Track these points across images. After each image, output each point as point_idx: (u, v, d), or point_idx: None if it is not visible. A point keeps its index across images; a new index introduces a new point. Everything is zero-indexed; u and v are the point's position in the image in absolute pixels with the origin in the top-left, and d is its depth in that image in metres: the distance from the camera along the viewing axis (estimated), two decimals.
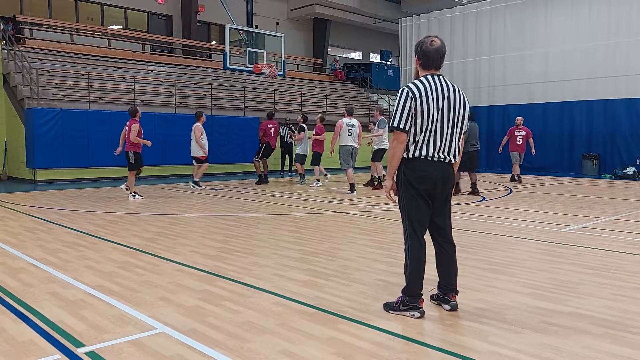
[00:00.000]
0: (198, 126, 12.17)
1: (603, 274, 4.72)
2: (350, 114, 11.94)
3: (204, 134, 12.23)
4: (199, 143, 12.09)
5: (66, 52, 17.83)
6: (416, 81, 3.54)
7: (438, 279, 3.74)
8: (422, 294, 3.58)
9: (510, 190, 12.26)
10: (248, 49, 17.82)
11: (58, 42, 18.27)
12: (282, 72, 18.87)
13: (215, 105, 17.85)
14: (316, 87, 24.10)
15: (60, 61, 16.87)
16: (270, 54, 18.81)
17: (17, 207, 9.22)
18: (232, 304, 3.80)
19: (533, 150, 14.21)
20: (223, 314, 3.59)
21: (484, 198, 10.75)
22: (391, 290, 4.16)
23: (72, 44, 18.69)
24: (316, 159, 13.20)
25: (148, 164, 15.27)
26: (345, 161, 11.69)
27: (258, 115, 18.41)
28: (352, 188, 11.43)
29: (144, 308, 3.70)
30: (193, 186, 12.49)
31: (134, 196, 10.42)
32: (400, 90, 3.55)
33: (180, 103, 17.28)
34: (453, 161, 3.58)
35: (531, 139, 14.16)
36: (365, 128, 15.38)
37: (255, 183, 13.80)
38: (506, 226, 7.38)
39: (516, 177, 14.18)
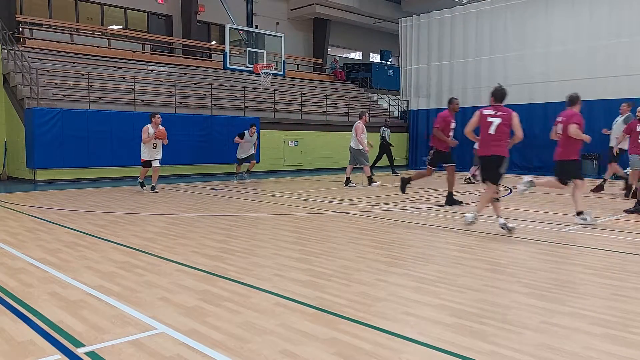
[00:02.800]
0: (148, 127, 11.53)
1: (603, 274, 4.72)
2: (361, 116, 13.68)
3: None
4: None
5: (66, 52, 17.82)
6: None
7: None
8: None
9: (510, 190, 12.25)
10: (248, 49, 17.80)
11: (58, 42, 18.26)
12: (282, 72, 18.87)
13: (215, 105, 17.85)
14: (316, 87, 24.09)
15: (60, 61, 16.87)
16: (270, 54, 18.80)
17: (17, 207, 9.22)
18: (232, 304, 3.79)
19: None
20: (223, 314, 3.59)
21: None
22: (391, 290, 4.15)
23: (72, 44, 18.68)
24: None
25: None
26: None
27: (258, 115, 18.43)
28: (347, 181, 13.27)
29: (144, 308, 3.70)
30: (143, 186, 12.16)
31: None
32: None
33: (180, 103, 17.28)
34: None
35: None
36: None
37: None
38: None
39: (634, 186, 9.91)
